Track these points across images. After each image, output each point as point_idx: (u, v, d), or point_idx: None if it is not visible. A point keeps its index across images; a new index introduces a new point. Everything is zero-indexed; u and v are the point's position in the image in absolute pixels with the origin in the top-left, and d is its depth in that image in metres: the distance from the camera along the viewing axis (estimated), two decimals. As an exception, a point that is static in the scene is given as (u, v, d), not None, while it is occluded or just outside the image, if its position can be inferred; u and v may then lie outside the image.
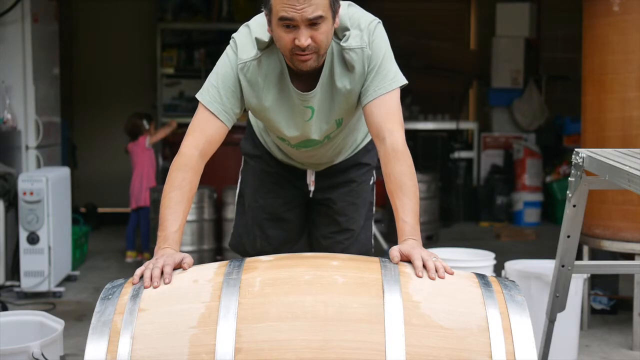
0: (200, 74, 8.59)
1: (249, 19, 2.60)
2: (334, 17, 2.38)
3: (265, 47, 2.49)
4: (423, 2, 9.56)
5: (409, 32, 8.64)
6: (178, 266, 2.18)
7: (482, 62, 9.16)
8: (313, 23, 2.32)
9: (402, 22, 8.85)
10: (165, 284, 2.10)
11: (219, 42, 8.83)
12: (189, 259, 2.21)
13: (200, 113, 2.49)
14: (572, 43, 8.21)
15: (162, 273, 2.12)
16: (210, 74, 2.54)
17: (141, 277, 2.13)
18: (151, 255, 2.25)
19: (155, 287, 2.08)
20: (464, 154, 9.02)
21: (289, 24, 2.32)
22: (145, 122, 6.74)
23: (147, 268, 2.14)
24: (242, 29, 2.57)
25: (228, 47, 2.55)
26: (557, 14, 9.10)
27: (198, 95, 2.51)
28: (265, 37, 2.47)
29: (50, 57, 6.61)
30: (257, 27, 2.51)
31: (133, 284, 2.12)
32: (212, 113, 2.47)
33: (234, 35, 2.57)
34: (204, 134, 2.45)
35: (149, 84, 9.06)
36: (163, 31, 8.85)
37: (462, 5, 9.72)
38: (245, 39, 2.52)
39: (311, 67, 2.43)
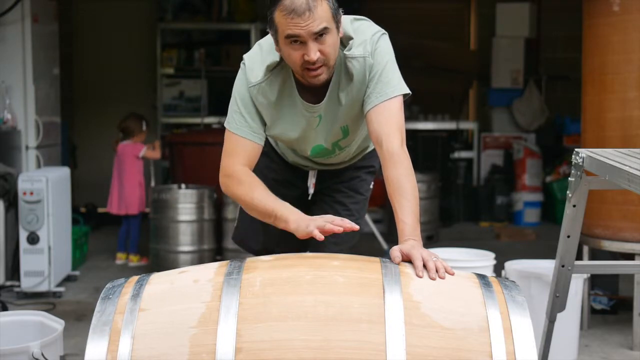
0: (200, 74, 8.59)
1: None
2: (337, 28, 2.44)
3: (274, 68, 2.56)
4: (423, 2, 9.55)
5: (409, 32, 8.63)
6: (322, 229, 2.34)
7: (482, 62, 9.15)
8: (320, 35, 2.38)
9: (402, 22, 8.84)
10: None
11: (219, 42, 8.84)
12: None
13: (232, 140, 2.61)
14: (572, 43, 8.20)
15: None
16: (231, 99, 2.64)
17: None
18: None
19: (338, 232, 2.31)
20: (464, 154, 9.01)
21: (297, 40, 2.38)
22: (144, 124, 6.71)
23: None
24: (254, 48, 2.66)
25: (240, 70, 2.64)
26: (557, 14, 9.08)
27: (226, 124, 2.63)
28: (275, 57, 2.54)
29: (50, 57, 6.61)
30: (269, 46, 2.58)
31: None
32: (243, 137, 2.59)
33: (244, 55, 2.66)
34: (241, 154, 2.60)
35: (149, 84, 9.05)
36: (163, 31, 8.83)
37: (462, 5, 9.71)
38: (253, 60, 2.61)
39: (323, 81, 2.49)
